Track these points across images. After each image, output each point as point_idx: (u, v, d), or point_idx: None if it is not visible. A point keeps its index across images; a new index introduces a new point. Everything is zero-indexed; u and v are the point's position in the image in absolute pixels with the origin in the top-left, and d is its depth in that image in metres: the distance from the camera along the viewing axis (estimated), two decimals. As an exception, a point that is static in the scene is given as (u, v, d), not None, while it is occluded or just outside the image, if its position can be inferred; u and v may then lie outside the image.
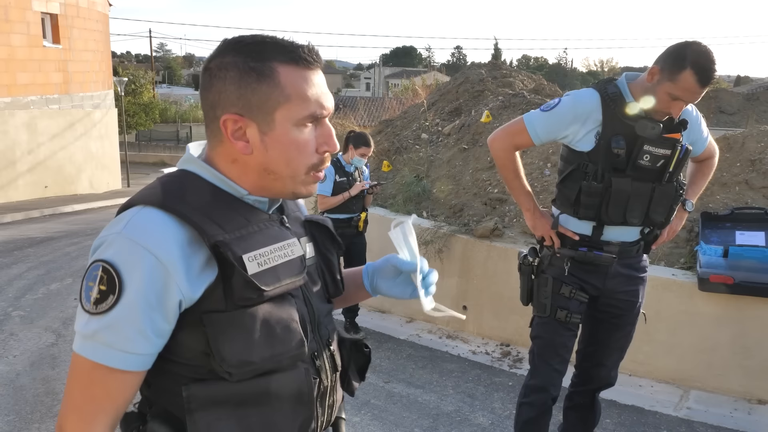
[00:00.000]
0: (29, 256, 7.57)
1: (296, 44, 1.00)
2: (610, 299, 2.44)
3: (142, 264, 0.91)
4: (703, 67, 2.03)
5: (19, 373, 3.93)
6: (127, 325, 0.91)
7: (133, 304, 0.91)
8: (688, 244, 4.06)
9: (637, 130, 2.17)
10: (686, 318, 3.74)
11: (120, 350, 0.92)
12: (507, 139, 2.39)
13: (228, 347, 0.95)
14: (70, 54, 15.16)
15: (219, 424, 0.97)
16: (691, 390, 3.73)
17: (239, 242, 0.96)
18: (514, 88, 6.83)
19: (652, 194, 2.26)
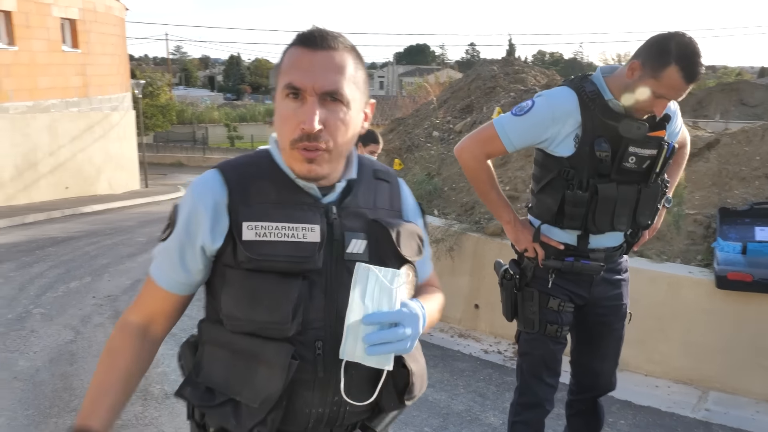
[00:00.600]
0: (50, 255, 7.69)
1: (310, 30, 1.10)
2: (597, 306, 2.31)
3: (188, 207, 1.15)
4: (689, 61, 1.84)
5: (38, 368, 4.00)
6: (169, 252, 1.16)
7: (175, 237, 1.16)
8: (705, 240, 4.00)
9: (621, 131, 1.98)
10: (704, 317, 3.68)
11: (161, 269, 1.18)
12: (477, 147, 2.17)
13: (224, 298, 1.12)
14: (88, 58, 15.43)
15: (213, 360, 1.17)
16: (709, 391, 3.65)
17: (252, 211, 1.10)
18: (526, 84, 6.79)
19: (638, 197, 2.10)
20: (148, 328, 1.21)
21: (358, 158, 1.25)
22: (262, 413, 1.09)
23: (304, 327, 1.09)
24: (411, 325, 1.08)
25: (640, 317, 3.65)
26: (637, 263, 3.80)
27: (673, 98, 1.95)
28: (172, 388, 3.68)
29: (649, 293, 3.74)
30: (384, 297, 1.07)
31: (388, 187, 1.25)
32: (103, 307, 5.41)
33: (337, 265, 1.12)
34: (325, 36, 1.08)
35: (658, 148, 2.04)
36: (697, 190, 4.33)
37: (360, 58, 1.13)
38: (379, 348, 1.04)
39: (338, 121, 1.09)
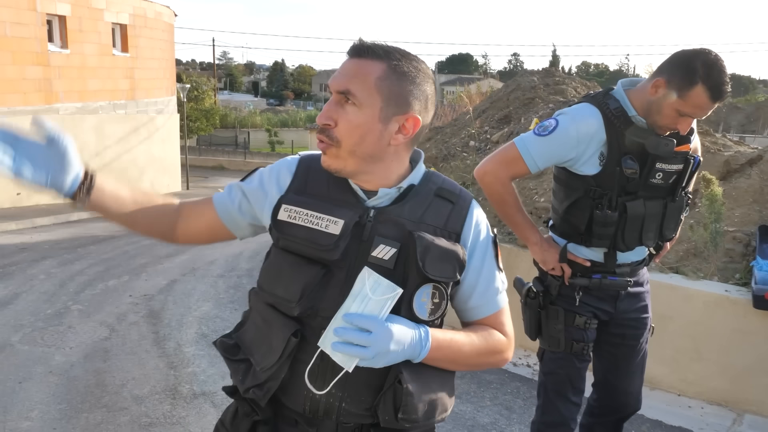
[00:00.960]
0: (91, 253, 7.94)
1: (356, 41, 1.20)
2: (622, 321, 2.26)
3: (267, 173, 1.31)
4: (716, 81, 1.83)
5: (73, 364, 4.12)
6: (236, 188, 1.34)
7: (247, 183, 1.33)
8: (744, 259, 3.88)
9: (649, 148, 1.95)
10: (740, 337, 3.56)
11: (221, 194, 1.35)
12: (500, 169, 2.11)
13: (261, 270, 1.27)
14: (137, 62, 15.93)
15: (251, 324, 1.28)
16: (745, 414, 3.53)
17: (295, 198, 1.22)
18: (566, 95, 6.71)
19: (664, 211, 2.09)
20: (177, 216, 1.35)
21: (428, 174, 1.28)
22: (262, 378, 1.19)
23: (313, 312, 1.17)
24: (379, 338, 1.09)
25: (674, 335, 3.58)
26: (672, 280, 3.71)
27: (698, 117, 1.94)
28: (201, 389, 3.75)
29: (684, 311, 3.64)
30: (372, 304, 1.10)
31: (450, 208, 1.25)
32: (138, 305, 5.55)
33: (360, 265, 1.16)
34: (362, 47, 1.17)
35: (684, 162, 2.03)
36: (737, 207, 4.20)
37: (400, 72, 1.16)
38: (341, 345, 1.09)
39: (347, 120, 1.16)
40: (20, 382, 3.80)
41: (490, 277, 1.29)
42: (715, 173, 4.30)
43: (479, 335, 1.26)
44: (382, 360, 1.11)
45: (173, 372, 4.04)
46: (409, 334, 1.13)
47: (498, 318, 1.31)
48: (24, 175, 1.15)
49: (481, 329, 1.28)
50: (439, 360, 1.19)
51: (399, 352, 1.12)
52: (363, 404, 1.19)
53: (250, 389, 1.21)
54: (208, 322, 5.12)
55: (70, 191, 1.21)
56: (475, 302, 1.28)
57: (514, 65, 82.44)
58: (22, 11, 12.16)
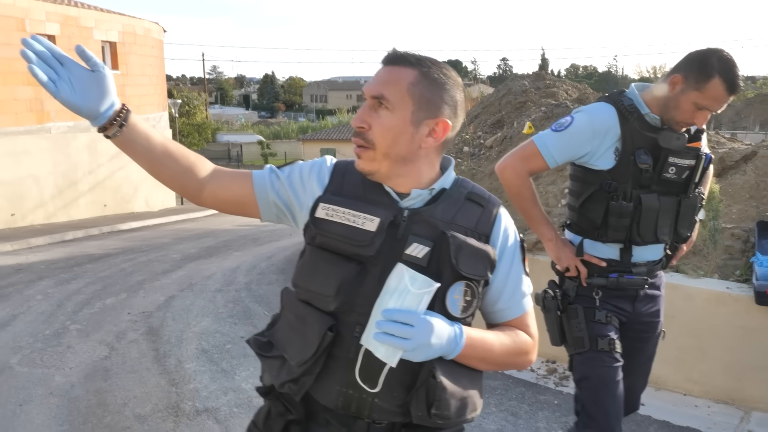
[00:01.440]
0: (88, 271, 7.88)
1: (390, 51, 1.27)
2: (636, 322, 2.27)
3: (308, 168, 1.36)
4: (731, 74, 1.93)
5: (73, 384, 4.08)
6: (275, 170, 1.37)
7: (285, 170, 1.37)
8: (743, 255, 3.88)
9: (661, 142, 2.04)
10: (743, 334, 3.55)
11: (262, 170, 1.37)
12: (520, 164, 2.20)
13: (296, 268, 1.30)
14: (127, 79, 15.91)
15: (283, 322, 1.32)
16: (752, 411, 3.52)
17: (332, 198, 1.27)
18: (557, 98, 6.74)
19: (678, 208, 2.14)
20: (209, 176, 1.34)
21: (458, 180, 1.34)
22: (296, 373, 1.22)
23: (348, 307, 1.20)
24: (421, 331, 1.12)
25: (677, 335, 3.57)
26: (673, 279, 3.70)
27: (715, 110, 2.01)
28: (203, 405, 3.71)
29: (685, 310, 3.63)
30: (409, 299, 1.13)
31: (480, 211, 1.30)
32: (137, 323, 5.51)
33: (394, 263, 1.18)
34: (396, 55, 1.25)
35: (696, 158, 2.10)
36: (734, 204, 4.21)
37: (431, 78, 1.23)
38: (383, 337, 1.11)
39: (381, 124, 1.22)
40: (20, 404, 3.75)
41: (518, 281, 1.33)
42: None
43: (507, 335, 1.30)
44: (422, 353, 1.14)
45: (175, 389, 4.01)
46: (447, 329, 1.17)
47: (524, 320, 1.35)
48: (62, 95, 1.18)
49: (509, 330, 1.32)
50: (470, 358, 1.22)
51: (438, 346, 1.15)
52: (395, 400, 1.21)
53: (286, 384, 1.24)
54: (207, 337, 5.09)
55: (103, 117, 1.23)
56: (503, 305, 1.33)
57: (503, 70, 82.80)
58: (11, 32, 12.15)
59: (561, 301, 2.25)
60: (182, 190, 1.34)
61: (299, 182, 1.34)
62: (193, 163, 1.33)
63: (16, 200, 12.67)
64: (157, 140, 1.30)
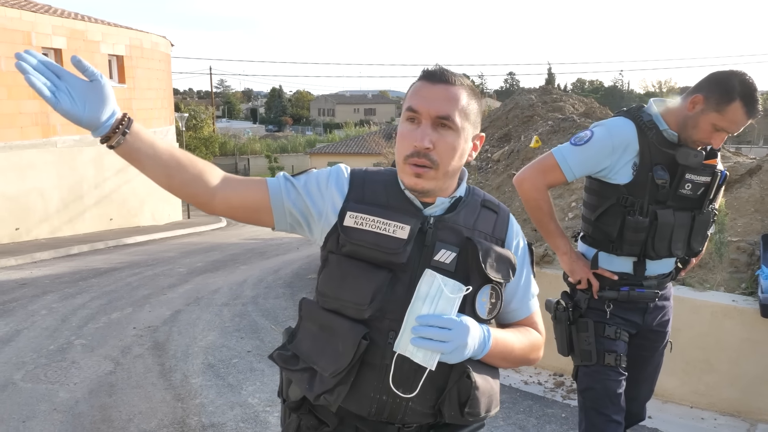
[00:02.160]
0: (93, 286, 7.90)
1: (434, 67, 1.28)
2: (645, 332, 2.31)
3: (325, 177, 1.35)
4: (752, 98, 1.97)
5: (78, 400, 4.07)
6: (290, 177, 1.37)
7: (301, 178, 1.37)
8: (749, 268, 3.86)
9: (679, 159, 2.07)
10: (749, 346, 3.54)
11: (276, 177, 1.37)
12: (538, 177, 2.23)
13: (321, 277, 1.30)
14: (134, 93, 16.04)
15: (305, 331, 1.32)
16: (758, 424, 3.50)
17: (358, 206, 1.28)
18: (564, 112, 6.75)
19: (692, 223, 2.17)
20: (222, 182, 1.32)
21: (470, 188, 1.39)
22: (331, 384, 1.22)
23: (381, 315, 1.22)
24: (458, 333, 1.17)
25: (683, 347, 3.55)
26: (679, 292, 3.69)
27: (733, 132, 2.04)
28: (210, 420, 3.71)
29: (692, 323, 3.62)
30: (442, 303, 1.17)
31: (494, 217, 1.36)
32: (143, 338, 5.51)
33: (422, 269, 1.22)
34: (445, 72, 1.26)
35: (712, 175, 2.13)
36: (739, 217, 4.20)
37: (475, 94, 1.29)
38: (422, 342, 1.14)
39: (447, 143, 1.24)
40: (24, 421, 3.75)
41: (528, 283, 1.40)
42: (716, 184, 4.31)
43: (523, 334, 1.36)
44: (459, 354, 1.18)
45: (181, 404, 4.00)
46: (479, 330, 1.22)
47: (533, 319, 1.42)
48: (62, 106, 1.17)
49: (523, 329, 1.39)
50: (495, 357, 1.27)
51: (472, 346, 1.19)
52: (428, 402, 1.24)
53: (321, 395, 1.24)
54: (214, 351, 5.08)
55: (105, 127, 1.21)
56: (516, 305, 1.39)
57: (510, 84, 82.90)
58: (17, 46, 12.28)
59: (572, 313, 2.28)
60: (194, 197, 1.32)
61: (317, 191, 1.34)
62: (203, 170, 1.31)
63: (20, 214, 12.73)
64: (163, 148, 1.28)
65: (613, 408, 2.22)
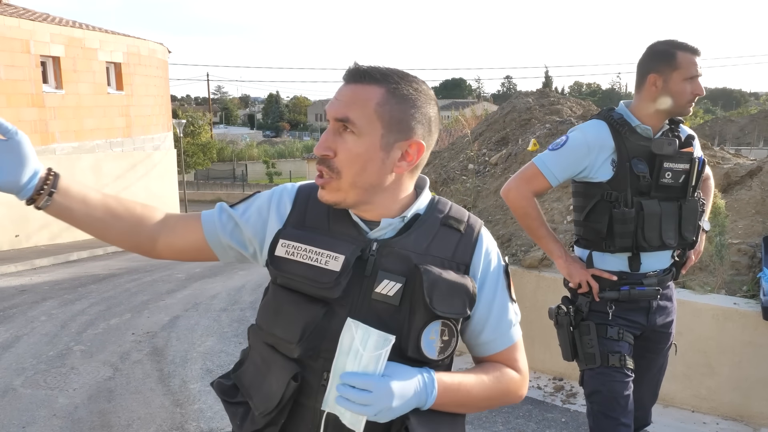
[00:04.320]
0: (92, 292, 7.88)
1: (351, 66, 1.14)
2: (650, 333, 2.31)
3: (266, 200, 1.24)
4: (683, 43, 2.15)
5: (77, 405, 4.05)
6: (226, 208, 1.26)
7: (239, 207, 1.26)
8: (750, 270, 3.86)
9: (654, 149, 2.16)
10: (751, 350, 3.52)
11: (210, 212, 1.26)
12: (523, 186, 2.29)
13: (260, 308, 1.20)
14: (132, 99, 16.09)
15: (250, 364, 1.21)
16: (761, 428, 3.48)
17: (293, 232, 1.16)
18: (561, 115, 6.74)
19: (680, 212, 2.23)
20: (161, 227, 1.23)
21: (434, 201, 1.22)
22: (260, 424, 1.13)
23: (314, 353, 1.10)
24: (379, 396, 1.02)
25: (685, 351, 3.54)
26: (681, 295, 3.67)
27: (699, 73, 2.14)
28: (208, 426, 3.69)
29: (693, 326, 3.60)
30: (366, 358, 1.03)
31: (457, 237, 1.18)
32: (141, 344, 5.49)
33: (363, 302, 1.10)
34: (359, 71, 1.12)
35: (690, 162, 2.20)
36: (740, 219, 4.20)
37: (399, 95, 1.11)
38: (345, 403, 1.03)
39: (347, 150, 1.10)
40: (24, 426, 3.73)
41: (503, 310, 1.22)
42: (716, 186, 4.30)
43: (490, 376, 1.18)
44: (386, 416, 1.04)
45: (179, 410, 3.98)
46: (413, 384, 1.07)
47: (511, 353, 1.23)
48: None
49: (493, 368, 1.20)
50: (447, 405, 1.12)
51: (403, 405, 1.05)
52: None
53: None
54: (212, 357, 5.06)
55: (27, 190, 1.08)
56: (487, 337, 1.21)
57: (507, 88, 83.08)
58: (16, 54, 12.30)
59: (574, 317, 2.29)
60: (135, 247, 1.23)
61: (257, 218, 1.22)
62: (141, 217, 1.20)
63: (20, 221, 12.72)
64: (96, 200, 1.16)
65: (622, 411, 2.20)
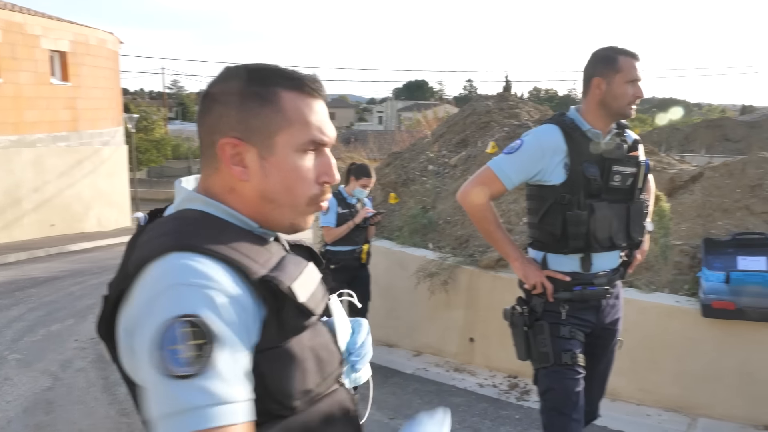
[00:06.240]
0: (31, 296, 7.56)
1: (301, 73, 1.00)
2: (599, 330, 2.39)
3: (220, 308, 0.84)
4: (624, 48, 2.25)
5: (11, 419, 3.87)
6: (230, 373, 0.82)
7: (228, 349, 0.83)
8: (691, 270, 4.02)
9: (604, 153, 2.24)
10: (691, 345, 3.69)
11: (230, 402, 0.81)
12: (479, 189, 2.33)
13: (288, 380, 0.90)
14: (79, 91, 15.39)
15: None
16: (698, 418, 3.65)
17: (280, 273, 0.93)
18: (519, 119, 6.85)
19: (628, 213, 2.31)
20: None
21: None
22: None
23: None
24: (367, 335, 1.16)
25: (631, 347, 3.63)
26: (627, 294, 3.77)
27: (640, 77, 2.24)
28: None
29: (639, 323, 3.73)
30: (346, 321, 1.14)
31: None
32: (86, 350, 5.29)
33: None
34: (317, 80, 1.01)
35: (637, 165, 2.30)
36: (683, 222, 4.37)
37: None
38: (362, 362, 1.10)
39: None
40: (-46, 440, 3.56)
41: None
42: (661, 190, 4.46)
43: None
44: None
45: (125, 419, 3.85)
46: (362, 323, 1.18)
47: None
48: None
49: None
50: None
51: None
52: None
53: None
54: (161, 360, 4.92)
55: None
56: None
57: (468, 91, 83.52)
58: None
59: (528, 318, 2.34)
60: None
61: (237, 334, 0.86)
62: None
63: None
64: None
65: (573, 407, 2.27)
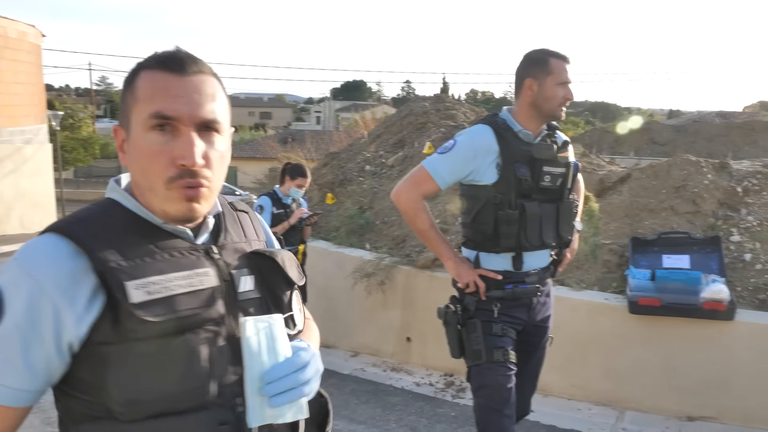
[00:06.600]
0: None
1: (170, 52, 0.97)
2: (530, 328, 2.45)
3: (23, 291, 0.87)
4: (556, 51, 2.31)
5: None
6: (4, 353, 0.87)
7: (7, 333, 0.87)
8: (619, 268, 4.20)
9: (534, 153, 2.29)
10: (620, 341, 3.85)
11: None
12: (413, 189, 2.36)
13: (116, 383, 0.89)
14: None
15: None
16: (626, 411, 3.81)
17: (132, 270, 0.90)
18: (456, 120, 6.98)
19: (557, 213, 2.37)
20: None
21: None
22: None
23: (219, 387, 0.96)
24: (314, 364, 1.00)
25: (562, 344, 3.77)
26: (559, 292, 3.93)
27: (570, 80, 2.30)
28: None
29: (570, 321, 3.87)
30: (280, 346, 0.97)
31: (249, 218, 1.16)
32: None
33: (233, 310, 1.00)
34: (193, 58, 0.97)
35: (566, 166, 2.36)
36: (611, 221, 4.55)
37: (222, 83, 1.02)
38: (282, 398, 0.93)
39: (218, 154, 0.99)
40: None
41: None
42: (591, 191, 4.65)
43: (312, 329, 1.23)
44: (316, 384, 1.01)
45: (51, 429, 3.70)
46: (311, 345, 1.05)
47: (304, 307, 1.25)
48: None
49: (308, 322, 1.23)
50: None
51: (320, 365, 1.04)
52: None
53: None
54: (93, 364, 4.76)
55: None
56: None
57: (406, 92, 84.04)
58: None
59: (461, 316, 2.37)
60: None
61: (34, 325, 0.88)
62: None
63: None
64: None
65: (505, 403, 2.32)
